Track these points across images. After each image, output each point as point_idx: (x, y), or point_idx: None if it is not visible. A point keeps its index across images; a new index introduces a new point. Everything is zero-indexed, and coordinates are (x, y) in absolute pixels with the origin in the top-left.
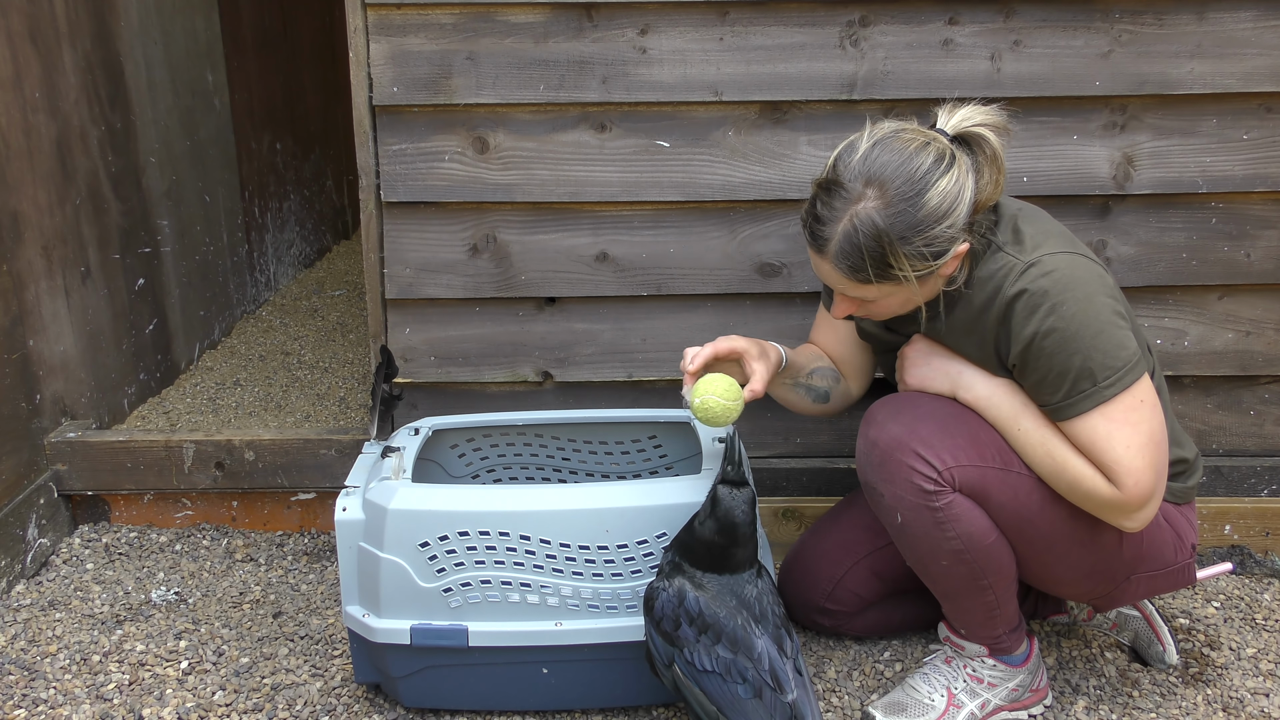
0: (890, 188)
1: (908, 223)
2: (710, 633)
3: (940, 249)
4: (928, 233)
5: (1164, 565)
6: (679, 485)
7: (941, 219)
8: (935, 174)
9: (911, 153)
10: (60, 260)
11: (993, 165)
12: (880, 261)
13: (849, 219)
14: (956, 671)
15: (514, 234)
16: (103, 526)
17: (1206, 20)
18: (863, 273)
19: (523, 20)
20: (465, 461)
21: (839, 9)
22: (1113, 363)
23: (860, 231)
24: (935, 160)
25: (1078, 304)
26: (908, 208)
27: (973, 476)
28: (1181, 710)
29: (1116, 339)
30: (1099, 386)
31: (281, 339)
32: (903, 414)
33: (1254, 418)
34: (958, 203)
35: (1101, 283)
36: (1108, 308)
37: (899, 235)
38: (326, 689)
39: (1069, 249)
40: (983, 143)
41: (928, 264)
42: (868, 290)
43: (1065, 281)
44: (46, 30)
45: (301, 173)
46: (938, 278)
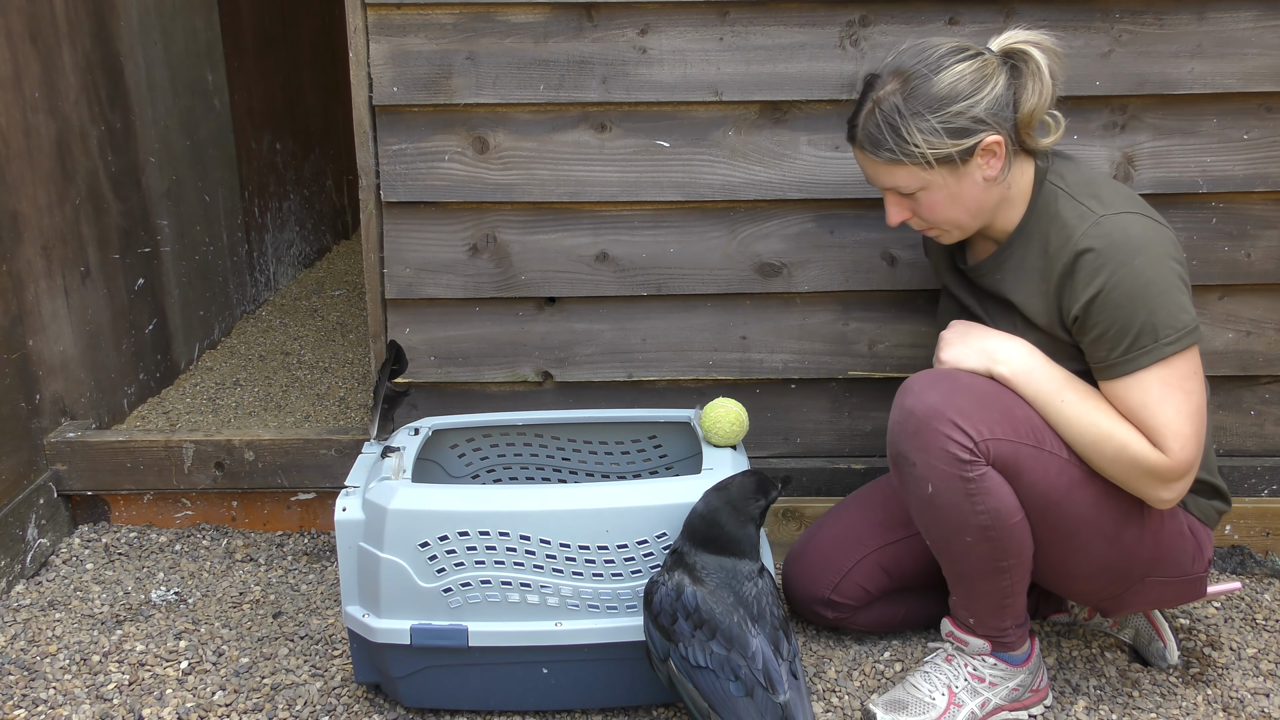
0: (907, 72)
1: (920, 98)
2: (705, 628)
3: (958, 128)
4: (941, 110)
5: (1180, 573)
6: (679, 485)
7: (956, 99)
8: (951, 59)
9: (928, 45)
10: (60, 260)
11: (1037, 79)
12: (896, 134)
13: (871, 103)
14: (958, 670)
15: (514, 234)
16: (102, 526)
17: (1206, 20)
18: (884, 148)
19: (523, 20)
20: (465, 461)
21: (839, 9)
22: (1175, 322)
23: (879, 109)
24: (954, 49)
25: (1147, 262)
26: (920, 84)
27: (1006, 451)
28: (1182, 710)
29: (1180, 302)
30: (1160, 343)
31: (281, 339)
32: (940, 385)
33: (1254, 418)
34: (977, 89)
35: (1172, 246)
36: (1174, 270)
37: (911, 110)
38: (326, 689)
39: (1144, 212)
40: (1025, 57)
41: (944, 142)
42: (897, 174)
43: (1137, 242)
44: (46, 30)
45: (301, 173)
46: (973, 174)
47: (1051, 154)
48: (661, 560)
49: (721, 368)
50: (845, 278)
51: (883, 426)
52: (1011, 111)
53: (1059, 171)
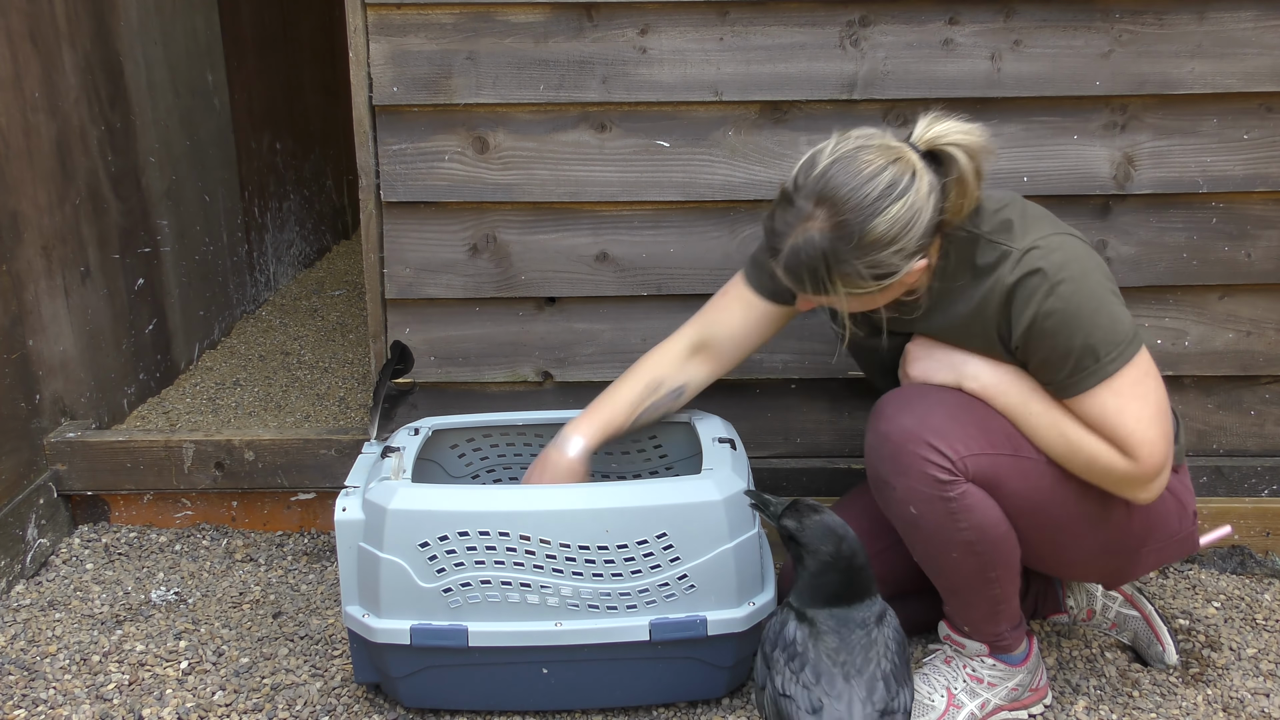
0: (839, 211)
1: (851, 247)
2: (797, 661)
3: (885, 271)
4: (870, 256)
5: (1171, 535)
6: (679, 485)
7: (888, 245)
8: (886, 200)
9: (866, 176)
10: (60, 260)
11: (959, 188)
12: (817, 280)
13: (796, 235)
14: (956, 671)
15: (514, 234)
16: (102, 526)
17: (1206, 20)
18: (804, 287)
19: (523, 20)
20: (465, 461)
21: (839, 9)
22: (1113, 338)
23: (803, 251)
24: (889, 185)
25: (1074, 283)
26: (853, 232)
27: (985, 465)
28: (1181, 710)
29: (1114, 314)
30: (1102, 363)
31: (281, 339)
32: (912, 405)
33: (1254, 418)
34: (909, 228)
35: (1093, 260)
36: (1103, 285)
37: (839, 259)
38: (326, 689)
39: (1057, 230)
40: (952, 163)
41: (868, 284)
42: (815, 300)
43: (1060, 262)
44: (46, 30)
45: (301, 173)
46: (895, 285)
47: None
48: (661, 560)
49: None
50: None
51: None
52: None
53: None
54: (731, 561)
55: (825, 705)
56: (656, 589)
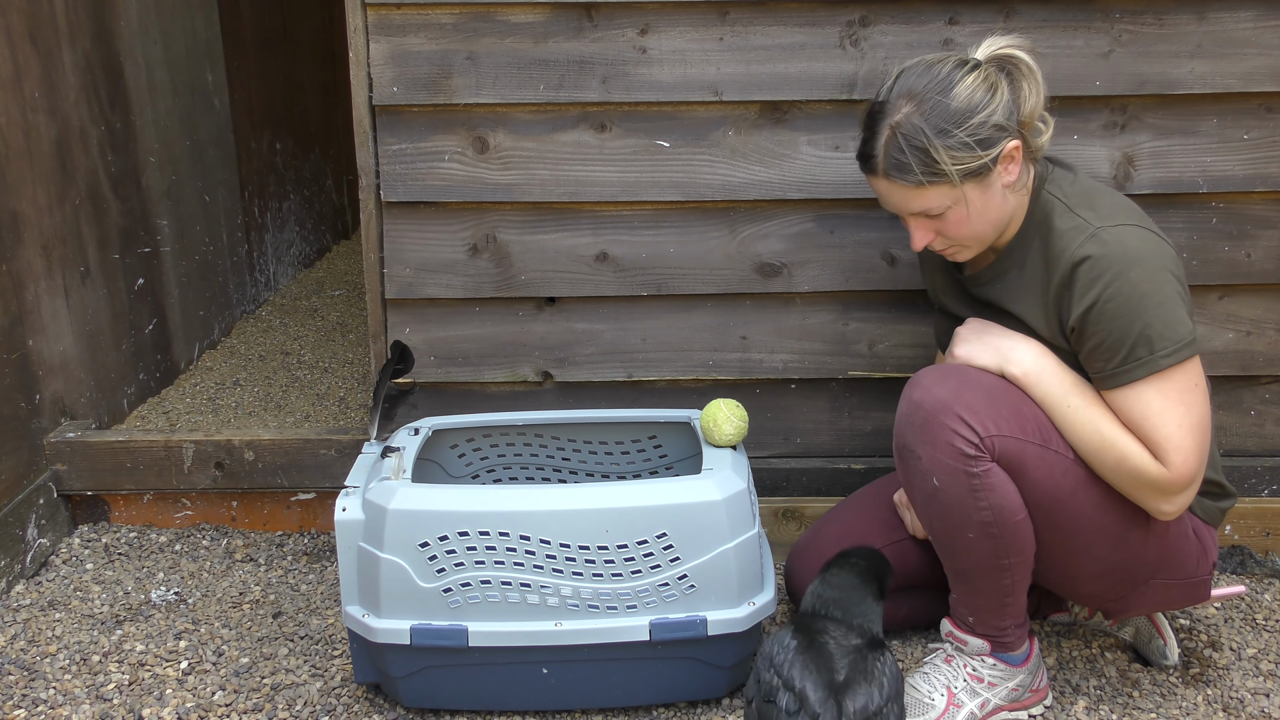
0: (919, 93)
1: (942, 114)
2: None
3: (984, 138)
4: (966, 123)
5: (1185, 575)
6: (679, 485)
7: (976, 110)
8: (959, 73)
9: (932, 63)
10: (60, 260)
11: (1030, 78)
12: (925, 156)
13: (889, 129)
14: (957, 671)
15: (514, 234)
16: (102, 526)
17: (1206, 20)
18: (911, 173)
19: (523, 20)
20: (465, 462)
21: (839, 9)
22: (1171, 334)
23: (900, 133)
24: (956, 65)
25: (1143, 273)
26: (939, 100)
27: (1012, 448)
28: (1182, 710)
29: (1177, 314)
30: (1155, 355)
31: (281, 339)
32: (949, 379)
33: (1254, 418)
34: (991, 98)
35: (1167, 257)
36: (1172, 285)
37: (936, 128)
38: (326, 689)
39: (1141, 224)
40: (1016, 60)
41: (974, 154)
42: (928, 197)
43: (1134, 253)
44: (46, 30)
45: (301, 173)
46: (996, 183)
47: (1047, 162)
48: (661, 560)
49: (721, 368)
50: (845, 278)
51: (883, 426)
52: (1015, 116)
53: (1055, 181)
54: (732, 561)
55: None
56: (656, 589)
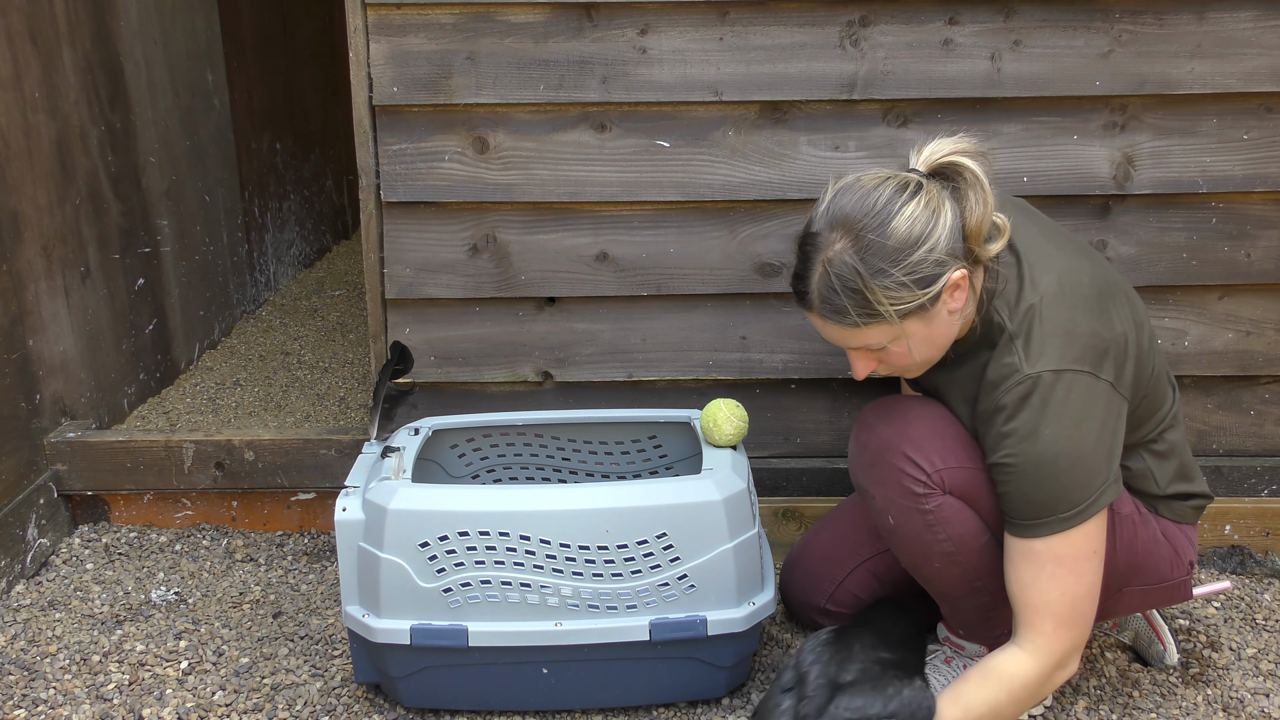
0: (855, 225)
1: (878, 252)
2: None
3: (925, 275)
4: (904, 260)
5: (1158, 580)
6: (679, 485)
7: (916, 244)
8: (897, 202)
9: (868, 189)
10: (60, 260)
11: (976, 187)
12: (859, 299)
13: (821, 265)
14: (956, 672)
15: (514, 234)
16: (102, 526)
17: (1206, 20)
18: (847, 315)
19: (523, 20)
20: (465, 461)
21: (839, 9)
22: (1078, 496)
23: (832, 273)
24: (895, 190)
25: (1058, 431)
26: (876, 238)
27: (963, 478)
28: (1181, 710)
29: (1089, 472)
30: (1057, 516)
31: (281, 339)
32: (894, 416)
33: (1254, 418)
34: (932, 226)
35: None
36: (1090, 438)
37: (872, 268)
38: (326, 689)
39: (1075, 364)
40: (960, 169)
41: (913, 294)
42: (866, 335)
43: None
44: (46, 30)
45: (301, 173)
46: (941, 313)
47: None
48: (661, 560)
49: (721, 368)
50: None
51: None
52: (961, 235)
53: (1003, 296)
54: (731, 561)
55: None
56: (656, 589)
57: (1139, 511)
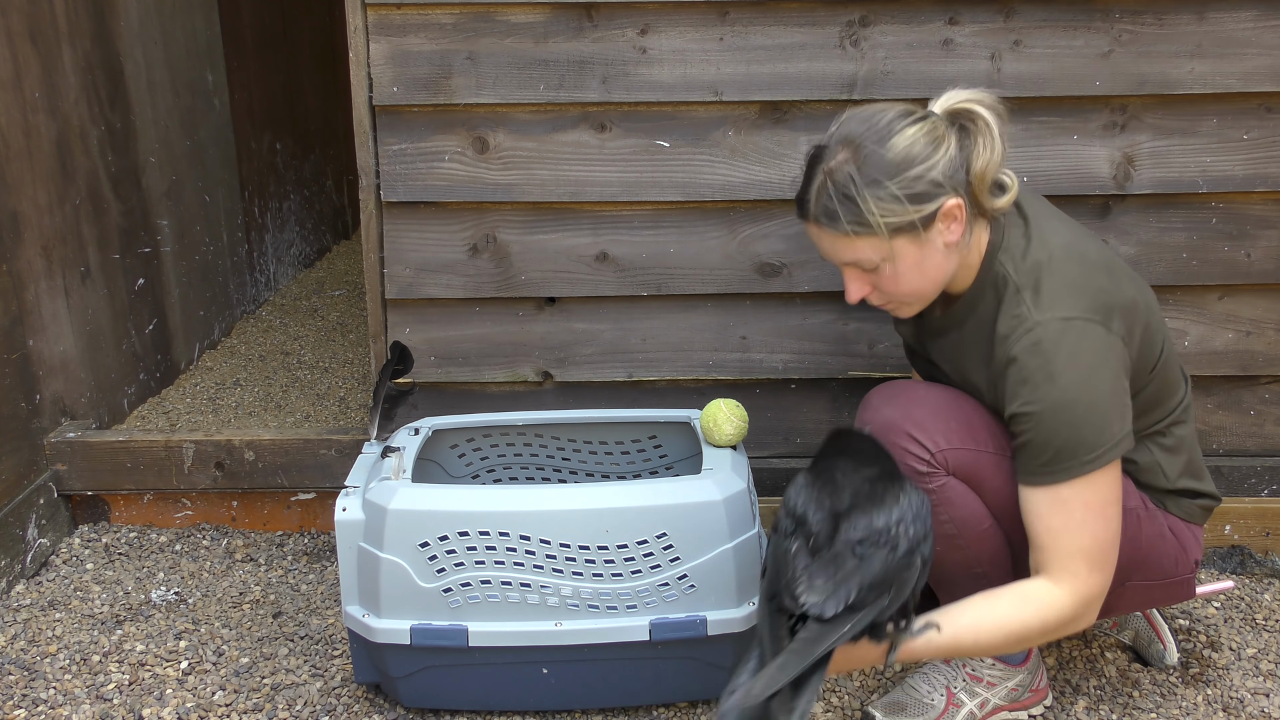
0: (857, 140)
1: (875, 164)
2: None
3: (918, 193)
4: (899, 175)
5: (1162, 575)
6: (679, 485)
7: (912, 163)
8: (901, 123)
9: (875, 112)
10: (60, 260)
11: (987, 136)
12: (852, 206)
13: (822, 175)
14: (956, 670)
15: (514, 234)
16: (102, 526)
17: (1206, 20)
18: (838, 222)
19: (523, 20)
20: (465, 461)
21: (839, 9)
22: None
23: (830, 181)
24: (901, 114)
25: (1072, 377)
26: (874, 150)
27: (966, 460)
28: (1181, 710)
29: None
30: (1079, 460)
31: (281, 339)
32: (897, 398)
33: (1254, 418)
34: (931, 151)
35: (1106, 353)
36: (1104, 386)
37: (868, 179)
38: (326, 689)
39: (1084, 314)
40: (972, 115)
41: (904, 209)
42: (858, 248)
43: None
44: (46, 30)
45: (301, 173)
46: (935, 241)
47: (1009, 220)
48: (661, 560)
49: (721, 368)
50: None
51: None
52: (964, 174)
53: (1009, 250)
54: (731, 561)
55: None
56: (656, 589)
57: (1145, 506)
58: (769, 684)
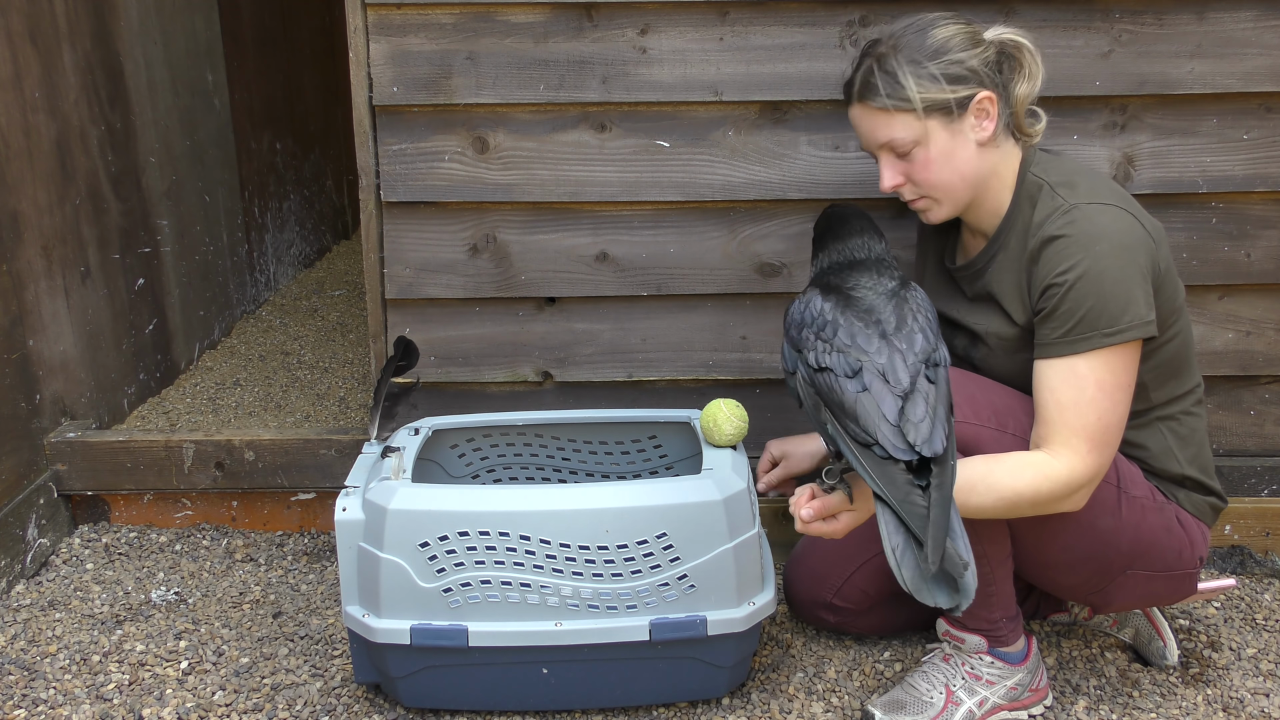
0: (903, 31)
1: (917, 47)
2: (828, 330)
3: (955, 75)
4: (938, 58)
5: (1165, 567)
6: (679, 485)
7: (950, 50)
8: (943, 20)
9: (925, 14)
10: (60, 260)
11: (1031, 62)
12: (892, 79)
13: (868, 59)
14: (955, 669)
15: (514, 234)
16: (102, 526)
17: (1206, 20)
18: (877, 95)
19: (523, 20)
20: (465, 461)
21: (839, 9)
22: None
23: (874, 59)
24: (946, 15)
25: (1107, 248)
26: (916, 37)
27: (967, 433)
28: (1181, 710)
29: (1132, 295)
30: (1100, 331)
31: (281, 339)
32: None
33: (1254, 418)
34: (970, 46)
35: (1139, 241)
36: (1135, 266)
37: (909, 58)
38: (326, 689)
39: (1118, 204)
40: (1018, 45)
41: (940, 87)
42: (894, 124)
43: (1101, 230)
44: (46, 30)
45: (301, 173)
46: (966, 133)
47: (1038, 149)
48: (661, 560)
49: (721, 368)
50: None
51: None
52: (1006, 92)
53: (1042, 164)
54: (731, 561)
55: (865, 364)
56: (656, 589)
57: (1153, 497)
58: (936, 550)
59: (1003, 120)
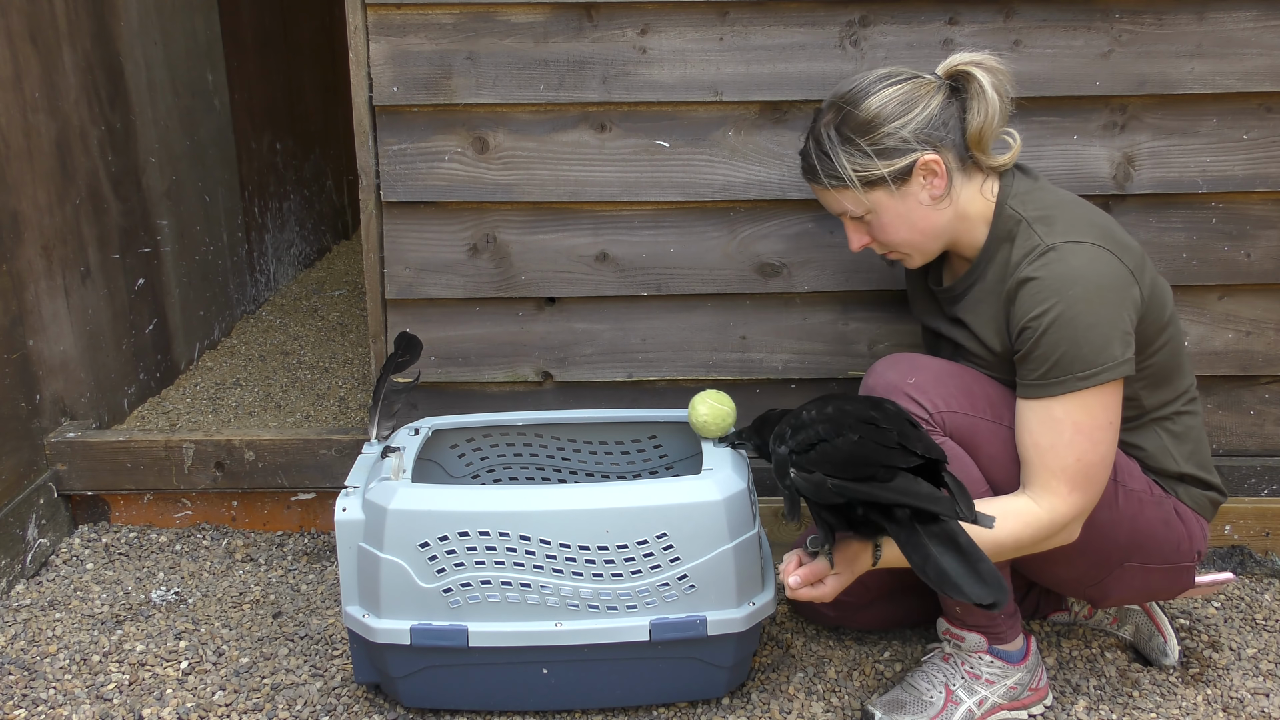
0: (840, 101)
1: (849, 123)
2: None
3: (886, 149)
4: (869, 134)
5: (1163, 560)
6: (679, 485)
7: (883, 122)
8: (881, 84)
9: (866, 74)
10: (60, 260)
11: (980, 98)
12: (826, 161)
13: (811, 134)
14: (955, 669)
15: (514, 234)
16: (103, 526)
17: (1206, 20)
18: (816, 176)
19: (523, 20)
20: (465, 462)
21: (839, 9)
22: (1095, 358)
23: (814, 139)
24: (884, 76)
25: (1081, 292)
26: (849, 110)
27: (963, 424)
28: (1182, 710)
29: (1106, 337)
30: (1074, 375)
31: (281, 339)
32: (900, 364)
33: (1254, 418)
34: (905, 111)
35: (1115, 281)
36: (1109, 308)
37: (842, 136)
38: (326, 689)
39: (1095, 241)
40: (967, 78)
41: (872, 163)
42: (842, 199)
43: (1075, 272)
44: (46, 30)
45: (301, 173)
46: (916, 195)
47: (1016, 175)
48: (661, 560)
49: (721, 368)
50: (845, 278)
51: None
52: (959, 133)
53: (1019, 196)
54: (731, 562)
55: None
56: (656, 589)
57: (1151, 491)
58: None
59: (956, 167)
